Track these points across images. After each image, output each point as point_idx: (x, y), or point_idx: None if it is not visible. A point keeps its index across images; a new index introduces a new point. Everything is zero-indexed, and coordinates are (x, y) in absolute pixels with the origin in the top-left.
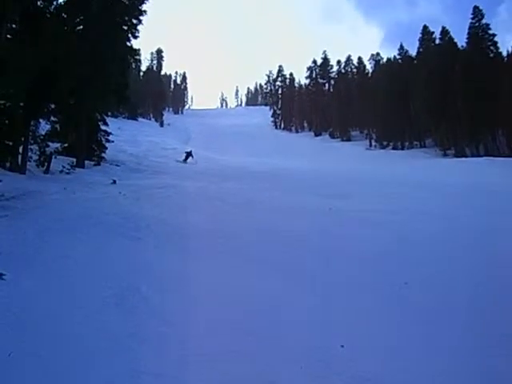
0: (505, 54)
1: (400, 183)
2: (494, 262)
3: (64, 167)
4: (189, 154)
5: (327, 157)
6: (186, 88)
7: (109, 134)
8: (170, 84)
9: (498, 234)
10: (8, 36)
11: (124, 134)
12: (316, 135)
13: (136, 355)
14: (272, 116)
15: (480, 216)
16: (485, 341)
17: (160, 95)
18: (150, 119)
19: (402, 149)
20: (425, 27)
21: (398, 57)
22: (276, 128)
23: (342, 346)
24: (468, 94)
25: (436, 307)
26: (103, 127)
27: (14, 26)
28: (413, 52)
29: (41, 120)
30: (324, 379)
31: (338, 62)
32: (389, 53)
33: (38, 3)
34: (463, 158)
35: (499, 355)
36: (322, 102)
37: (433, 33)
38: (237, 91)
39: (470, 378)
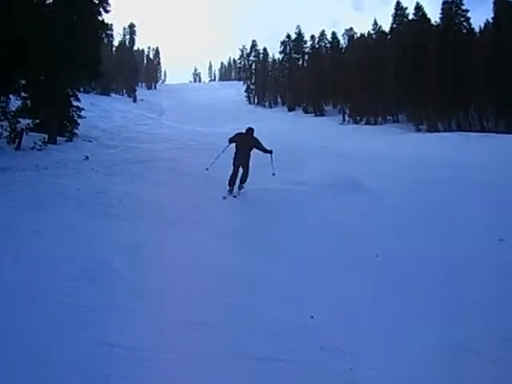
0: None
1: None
2: (462, 234)
3: (36, 144)
4: None
5: (298, 130)
6: (159, 63)
7: (81, 109)
8: (143, 59)
9: (462, 206)
10: None
11: (97, 110)
12: (289, 110)
13: (107, 328)
14: (245, 91)
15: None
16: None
17: (133, 70)
18: (122, 95)
19: (375, 124)
20: (398, 3)
21: (371, 32)
22: (250, 103)
23: (312, 317)
24: (440, 70)
25: (410, 278)
26: (75, 103)
27: None
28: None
29: (11, 96)
30: (293, 349)
31: (312, 37)
32: None
33: None
34: (435, 133)
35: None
36: (296, 77)
37: (406, 8)
38: (210, 66)
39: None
